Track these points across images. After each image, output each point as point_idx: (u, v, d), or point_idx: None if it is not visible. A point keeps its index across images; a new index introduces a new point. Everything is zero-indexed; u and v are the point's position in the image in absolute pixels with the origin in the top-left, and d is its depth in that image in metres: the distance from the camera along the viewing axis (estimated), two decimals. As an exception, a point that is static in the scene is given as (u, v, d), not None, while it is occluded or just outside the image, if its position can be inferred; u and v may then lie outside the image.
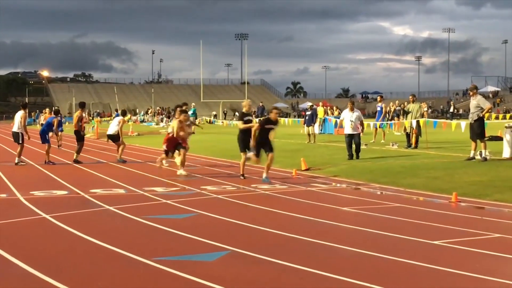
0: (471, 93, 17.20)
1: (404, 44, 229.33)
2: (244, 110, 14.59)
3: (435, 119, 31.73)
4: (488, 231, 7.87)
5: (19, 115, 18.15)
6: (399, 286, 5.54)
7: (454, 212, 9.50)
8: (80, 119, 19.39)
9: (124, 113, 21.72)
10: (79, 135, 19.09)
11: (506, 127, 17.53)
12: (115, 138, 19.28)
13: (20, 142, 17.87)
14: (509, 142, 16.86)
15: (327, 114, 36.63)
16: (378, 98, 28.66)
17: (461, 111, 63.34)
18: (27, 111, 19.24)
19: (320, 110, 34.79)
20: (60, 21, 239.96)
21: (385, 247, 6.99)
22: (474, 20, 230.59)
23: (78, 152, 18.85)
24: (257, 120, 22.56)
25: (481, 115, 16.33)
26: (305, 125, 27.71)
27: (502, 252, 6.70)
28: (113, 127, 19.39)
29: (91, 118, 60.33)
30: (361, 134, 18.66)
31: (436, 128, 25.77)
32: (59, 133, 22.05)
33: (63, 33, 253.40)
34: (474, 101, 16.59)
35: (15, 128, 18.12)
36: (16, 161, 17.69)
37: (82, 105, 20.23)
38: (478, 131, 16.24)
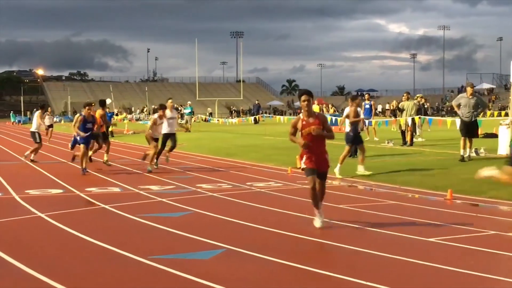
0: (471, 91, 16.67)
1: (399, 41, 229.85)
2: None
3: (430, 116, 31.82)
4: (483, 228, 7.89)
5: (35, 115, 19.33)
6: (395, 283, 5.54)
7: (449, 209, 9.52)
8: (103, 118, 17.07)
9: (161, 108, 16.21)
10: (103, 135, 17.30)
11: (501, 124, 17.56)
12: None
13: (38, 141, 18.46)
14: (504, 139, 16.88)
15: (323, 112, 36.76)
16: (366, 96, 28.73)
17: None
18: (43, 111, 20.65)
19: (316, 108, 34.85)
20: (55, 20, 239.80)
21: (381, 244, 7.00)
22: (470, 17, 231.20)
23: (107, 151, 17.22)
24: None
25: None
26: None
27: (497, 249, 6.72)
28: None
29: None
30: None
31: (432, 125, 25.75)
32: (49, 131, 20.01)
33: (58, 31, 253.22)
34: (472, 100, 16.39)
35: (32, 128, 18.91)
36: (31, 158, 18.24)
37: (102, 104, 17.55)
38: (474, 130, 16.28)
